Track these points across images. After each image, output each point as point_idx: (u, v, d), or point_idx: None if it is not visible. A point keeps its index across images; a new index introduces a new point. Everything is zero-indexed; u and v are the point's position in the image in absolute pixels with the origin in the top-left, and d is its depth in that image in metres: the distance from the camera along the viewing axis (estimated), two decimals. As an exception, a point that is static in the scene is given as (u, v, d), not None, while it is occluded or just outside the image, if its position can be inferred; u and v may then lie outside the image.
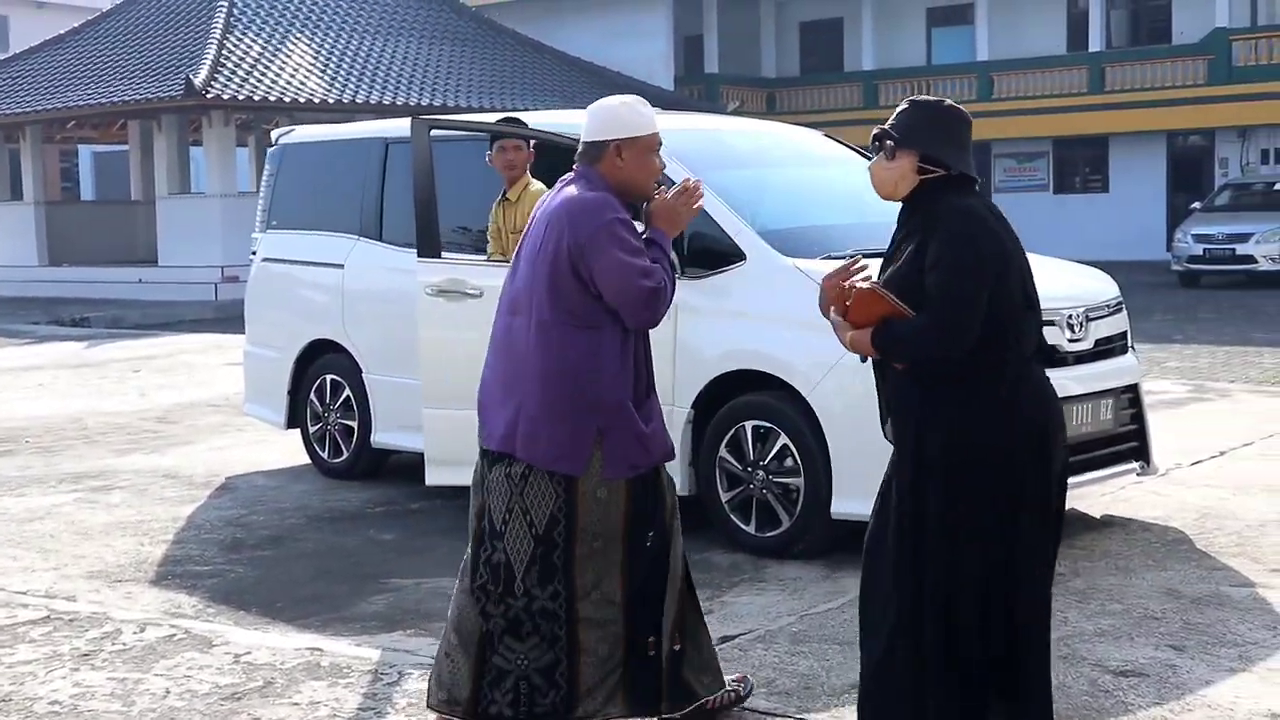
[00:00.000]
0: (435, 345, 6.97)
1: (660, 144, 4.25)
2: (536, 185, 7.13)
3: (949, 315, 3.59)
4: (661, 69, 35.79)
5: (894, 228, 3.89)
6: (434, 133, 7.17)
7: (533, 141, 7.21)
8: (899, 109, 3.84)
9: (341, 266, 8.58)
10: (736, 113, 28.77)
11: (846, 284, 3.73)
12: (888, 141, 3.78)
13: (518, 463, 4.11)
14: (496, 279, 7.14)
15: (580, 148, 4.24)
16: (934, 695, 3.69)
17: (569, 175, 4.27)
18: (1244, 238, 24.85)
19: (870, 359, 3.82)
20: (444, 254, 7.09)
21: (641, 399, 4.19)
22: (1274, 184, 27.39)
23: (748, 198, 7.17)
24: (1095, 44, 34.14)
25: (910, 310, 3.62)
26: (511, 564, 4.11)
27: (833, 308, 3.81)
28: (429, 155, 7.04)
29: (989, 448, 3.64)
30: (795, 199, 7.63)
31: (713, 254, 6.76)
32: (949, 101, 3.85)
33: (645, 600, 4.18)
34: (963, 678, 3.69)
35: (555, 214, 4.12)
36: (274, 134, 9.61)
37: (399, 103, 27.55)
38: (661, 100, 29.02)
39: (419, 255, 7.03)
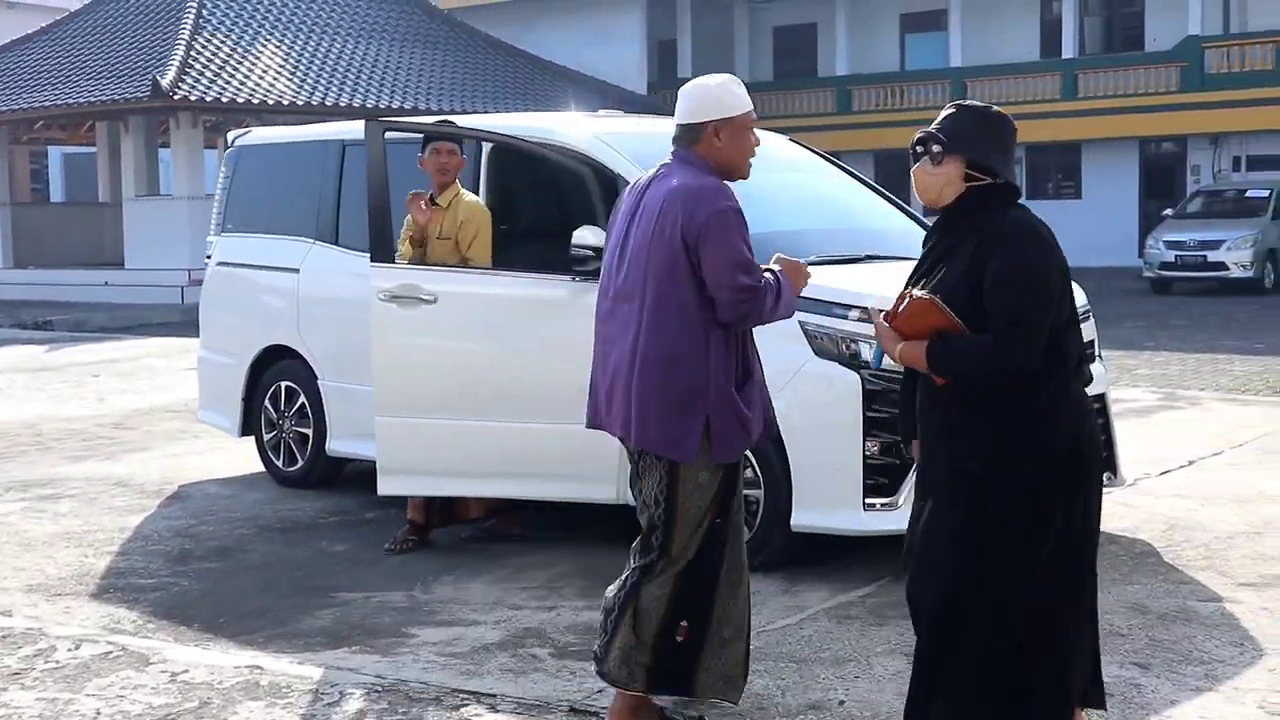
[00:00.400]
0: (388, 352, 6.80)
1: (754, 121, 4.30)
2: (470, 196, 6.98)
3: (1018, 336, 3.47)
4: (635, 73, 35.67)
5: (855, 233, 3.78)
6: (389, 135, 7.01)
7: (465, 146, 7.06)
8: (945, 112, 3.71)
9: (297, 271, 8.42)
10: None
11: (904, 291, 3.62)
12: (934, 146, 3.63)
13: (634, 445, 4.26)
14: (452, 284, 7.08)
15: (676, 131, 4.27)
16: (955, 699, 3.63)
17: (668, 162, 4.29)
18: (1215, 244, 24.85)
19: (904, 373, 3.78)
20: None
21: (742, 383, 4.23)
22: (1245, 191, 27.37)
23: (709, 202, 7.02)
24: (1068, 50, 34.16)
25: (962, 324, 3.51)
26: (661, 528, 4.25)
27: (881, 313, 3.71)
28: (383, 157, 6.89)
29: (1025, 457, 3.53)
30: (757, 204, 7.43)
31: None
32: (996, 107, 3.73)
33: (692, 589, 4.26)
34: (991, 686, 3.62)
35: (670, 200, 4.15)
36: (230, 135, 9.43)
37: (369, 105, 27.36)
38: (634, 105, 28.89)
39: (372, 260, 6.87)
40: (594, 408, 4.46)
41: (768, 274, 4.21)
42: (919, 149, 3.67)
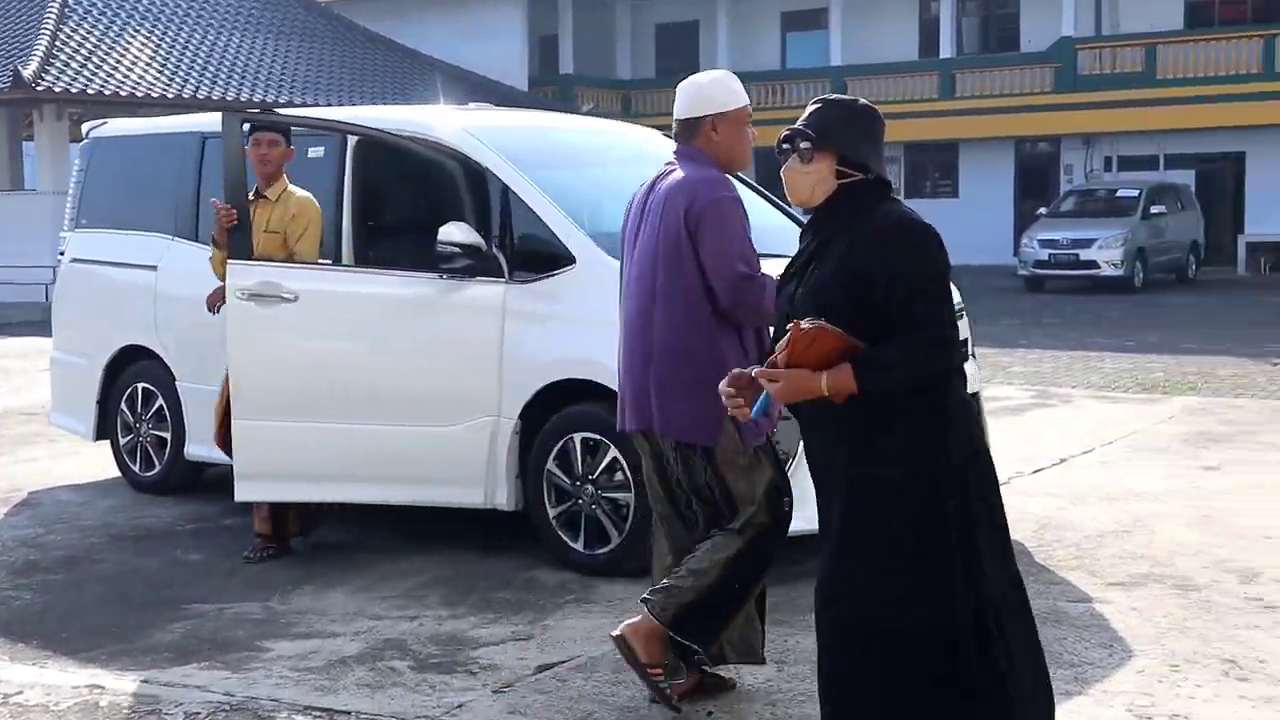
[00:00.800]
0: (247, 353, 6.55)
1: (750, 115, 4.43)
2: (299, 191, 6.75)
3: (938, 332, 3.28)
4: (516, 69, 35.40)
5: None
6: (247, 127, 6.75)
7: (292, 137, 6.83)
8: (811, 108, 3.50)
9: (155, 268, 8.11)
10: (591, 114, 28.46)
11: (790, 325, 3.29)
12: (803, 143, 3.43)
13: (666, 438, 4.39)
14: (315, 283, 6.83)
15: (676, 127, 4.45)
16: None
17: (671, 160, 4.45)
18: (1087, 243, 25.28)
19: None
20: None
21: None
22: (1116, 191, 27.90)
23: (581, 199, 6.88)
24: (946, 50, 34.56)
25: (854, 339, 3.26)
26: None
27: (754, 370, 3.40)
28: (241, 151, 6.64)
29: (941, 460, 3.31)
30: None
31: (541, 257, 6.44)
32: (863, 100, 3.55)
33: (745, 559, 4.40)
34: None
35: (672, 193, 4.32)
36: (85, 127, 9.08)
37: (242, 99, 26.77)
38: (515, 101, 28.63)
39: (229, 257, 6.60)
40: (620, 412, 4.57)
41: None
42: (786, 147, 3.50)
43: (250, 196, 6.67)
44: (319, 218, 6.80)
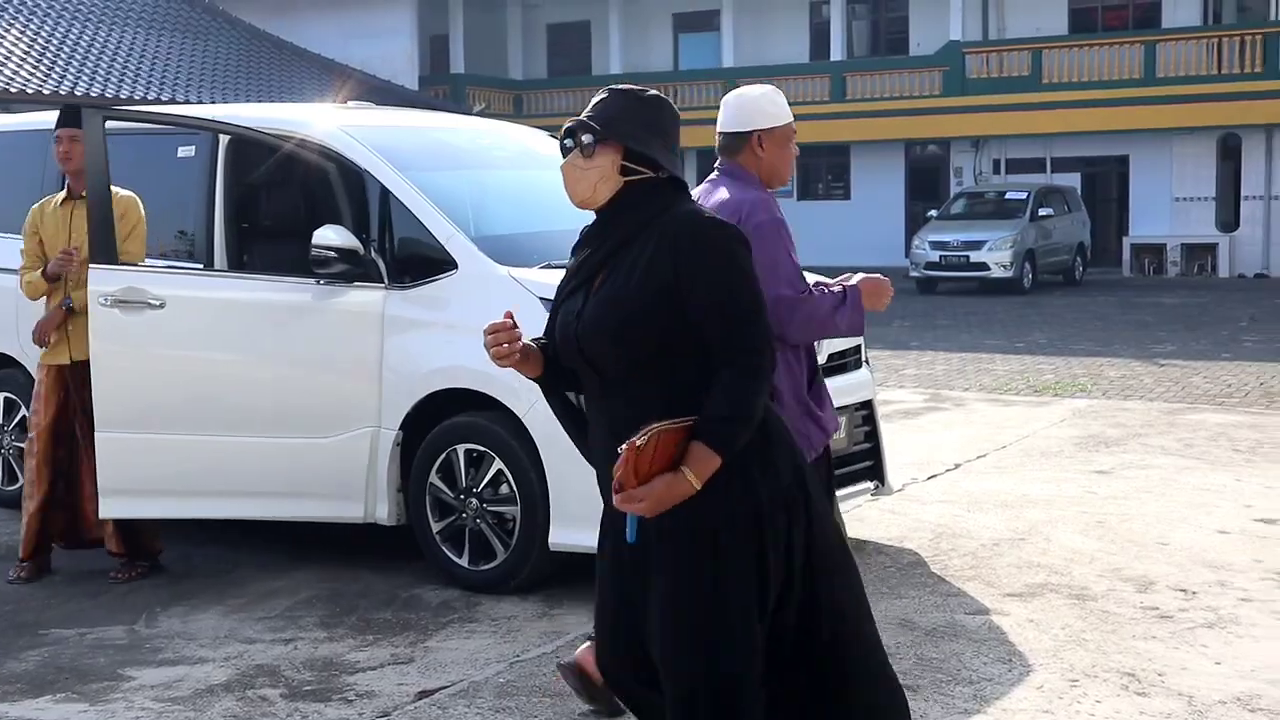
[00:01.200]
0: (110, 361, 6.22)
1: (795, 132, 4.34)
2: (122, 190, 6.40)
3: (756, 360, 2.98)
4: (406, 68, 34.91)
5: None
6: (109, 124, 6.42)
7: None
8: (597, 97, 3.18)
9: (14, 271, 7.69)
10: (482, 114, 28.15)
11: (623, 448, 2.92)
12: (585, 135, 3.06)
13: None
14: (183, 288, 6.48)
15: (720, 140, 4.33)
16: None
17: (713, 176, 4.35)
18: (977, 245, 25.48)
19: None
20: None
21: (810, 382, 4.29)
22: (1005, 193, 28.17)
23: (463, 201, 6.64)
24: (837, 53, 34.69)
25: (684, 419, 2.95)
26: None
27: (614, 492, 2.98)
28: (103, 148, 6.30)
29: (768, 484, 3.05)
30: (516, 203, 7.11)
31: (422, 261, 6.19)
32: (654, 91, 3.20)
33: None
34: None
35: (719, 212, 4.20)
36: (-64, 125, 8.64)
37: (123, 96, 26.03)
38: (405, 100, 28.18)
39: (91, 260, 6.27)
40: None
41: (833, 287, 4.26)
42: (567, 142, 3.12)
43: (61, 199, 6.36)
44: (143, 216, 6.46)
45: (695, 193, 4.23)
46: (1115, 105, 30.10)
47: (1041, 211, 26.73)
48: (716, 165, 4.37)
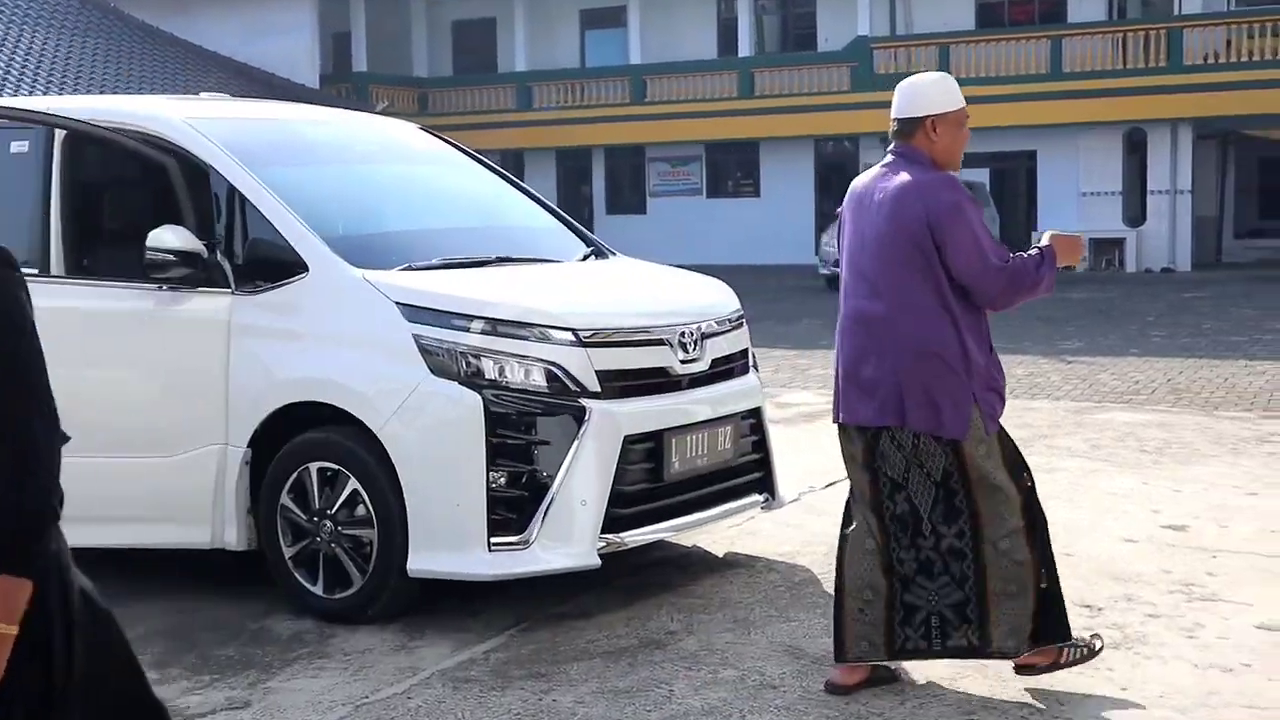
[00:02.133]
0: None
1: (968, 117, 4.50)
2: None
3: (29, 446, 2.30)
4: (307, 66, 34.14)
5: (489, 232, 2.96)
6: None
7: None
8: None
9: None
10: (386, 112, 27.53)
11: None
12: None
13: (903, 431, 4.40)
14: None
15: (894, 125, 4.52)
16: None
17: (889, 159, 4.53)
18: (886, 242, 25.24)
19: None
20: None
21: (988, 354, 4.49)
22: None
23: (318, 199, 6.15)
24: (745, 49, 34.44)
25: None
26: (917, 509, 4.44)
27: None
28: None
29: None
30: (377, 201, 6.63)
31: (271, 265, 5.70)
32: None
33: (1037, 537, 4.46)
34: None
35: (904, 194, 4.37)
36: None
37: (6, 94, 25.14)
38: (306, 99, 27.49)
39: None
40: (855, 406, 4.50)
41: (1029, 252, 4.49)
42: None
43: None
44: None
45: (872, 174, 4.56)
46: (1023, 100, 30.09)
47: (950, 207, 26.58)
48: (891, 149, 4.55)
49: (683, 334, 5.75)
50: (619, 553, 5.50)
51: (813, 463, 8.46)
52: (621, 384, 5.50)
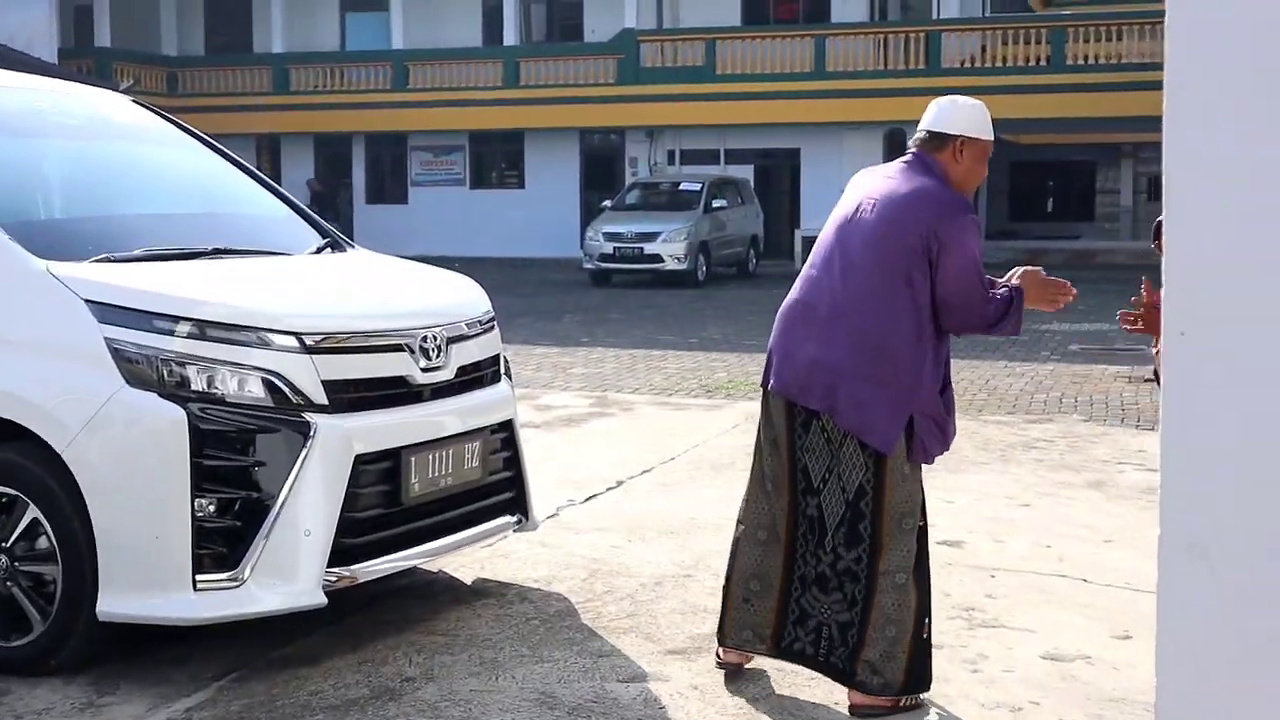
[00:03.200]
0: None
1: (990, 154, 4.48)
2: None
3: None
4: (44, 39, 32.04)
5: (206, 219, 2.30)
6: None
7: None
8: None
9: None
10: (130, 91, 25.93)
11: None
12: None
13: (834, 425, 4.30)
14: None
15: (924, 134, 4.47)
16: None
17: (907, 159, 4.48)
18: (651, 237, 24.98)
19: None
20: None
21: (944, 388, 4.43)
22: (679, 184, 27.82)
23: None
24: (510, 38, 33.80)
25: None
26: (825, 521, 4.35)
27: None
28: None
29: None
30: (72, 181, 5.79)
31: (-62, 253, 4.82)
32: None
33: (923, 581, 4.39)
34: None
35: (913, 201, 4.32)
36: None
37: None
38: (43, 74, 25.70)
39: None
40: (788, 379, 4.39)
41: (1000, 290, 4.44)
42: None
43: None
44: None
45: (890, 166, 4.52)
46: (787, 98, 30.24)
47: (715, 203, 26.47)
48: (914, 150, 4.49)
49: (425, 339, 5.09)
50: (351, 587, 4.83)
51: (572, 474, 7.90)
52: (353, 395, 4.82)
